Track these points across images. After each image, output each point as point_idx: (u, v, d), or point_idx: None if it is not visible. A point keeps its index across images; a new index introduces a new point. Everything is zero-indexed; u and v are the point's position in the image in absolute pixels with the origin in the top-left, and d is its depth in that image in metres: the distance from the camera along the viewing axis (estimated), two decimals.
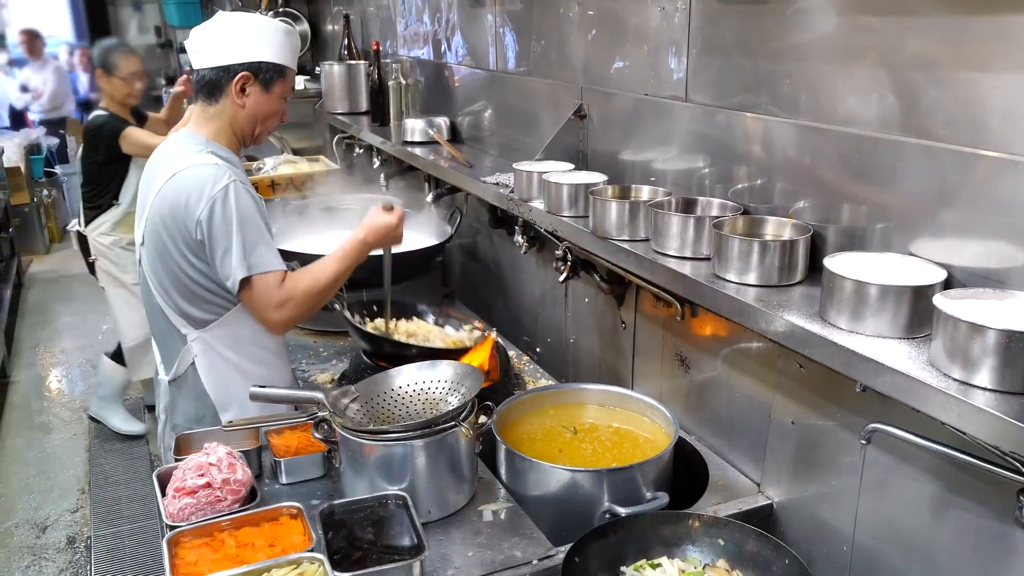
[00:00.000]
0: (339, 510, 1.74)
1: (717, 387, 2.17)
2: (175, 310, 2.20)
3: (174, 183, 2.11)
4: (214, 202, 2.06)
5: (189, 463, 1.83)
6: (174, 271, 2.15)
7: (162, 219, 2.12)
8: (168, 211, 2.11)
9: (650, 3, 2.19)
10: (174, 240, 2.12)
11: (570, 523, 1.85)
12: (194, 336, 2.22)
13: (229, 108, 2.20)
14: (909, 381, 1.34)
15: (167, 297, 2.20)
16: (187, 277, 2.15)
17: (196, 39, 2.19)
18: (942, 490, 1.56)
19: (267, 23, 2.22)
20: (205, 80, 2.19)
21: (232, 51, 2.16)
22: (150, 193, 2.17)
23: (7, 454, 4.76)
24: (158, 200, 2.13)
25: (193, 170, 2.11)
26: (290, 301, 2.13)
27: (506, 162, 2.88)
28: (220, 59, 2.16)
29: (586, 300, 2.73)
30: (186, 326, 2.22)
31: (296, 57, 2.28)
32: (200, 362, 2.24)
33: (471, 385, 1.98)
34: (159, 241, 2.14)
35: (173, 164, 2.14)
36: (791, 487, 1.95)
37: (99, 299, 6.92)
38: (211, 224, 2.06)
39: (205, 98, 2.21)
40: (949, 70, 1.47)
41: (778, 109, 1.84)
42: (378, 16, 4.49)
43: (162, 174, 2.15)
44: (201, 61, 2.18)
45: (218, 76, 2.17)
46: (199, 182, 2.08)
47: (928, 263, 1.52)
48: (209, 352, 2.23)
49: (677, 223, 1.91)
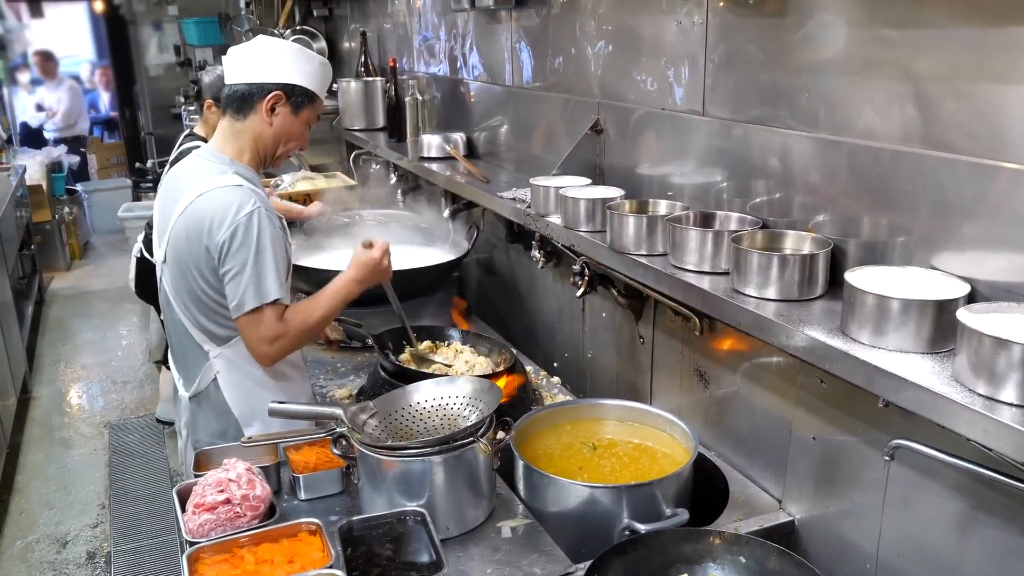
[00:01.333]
0: (358, 526, 1.73)
1: (737, 402, 2.15)
2: (197, 327, 2.22)
3: (200, 204, 2.13)
4: (236, 227, 2.08)
5: (209, 479, 1.83)
6: (194, 289, 2.17)
7: (186, 238, 2.14)
8: (192, 231, 2.13)
9: (667, 17, 2.19)
10: (195, 260, 2.14)
11: (589, 540, 1.83)
12: (216, 353, 2.24)
13: (256, 125, 2.23)
14: (933, 396, 1.32)
15: (189, 314, 2.22)
16: (206, 296, 2.17)
17: (236, 55, 2.24)
18: (968, 507, 1.53)
19: (305, 52, 2.27)
20: (237, 94, 2.21)
21: (269, 70, 2.20)
22: (173, 211, 2.19)
23: (28, 469, 4.80)
24: (182, 220, 2.15)
25: (219, 193, 2.12)
26: (283, 337, 2.17)
27: (523, 177, 2.88)
28: (256, 76, 2.20)
29: (604, 315, 2.72)
30: (208, 343, 2.23)
31: (326, 88, 2.32)
32: (223, 378, 2.25)
33: (489, 401, 1.98)
34: (181, 260, 2.16)
35: (199, 185, 2.16)
36: (813, 504, 1.93)
37: (119, 315, 7.00)
38: (230, 248, 2.09)
39: (234, 113, 2.23)
40: (969, 82, 1.46)
41: (796, 122, 1.84)
42: (394, 33, 4.52)
43: (187, 193, 2.16)
44: (236, 76, 2.22)
45: (250, 91, 2.20)
46: (225, 206, 2.10)
47: (951, 277, 1.51)
48: (232, 368, 2.25)
49: (695, 237, 1.90)
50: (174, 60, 9.98)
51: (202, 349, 2.25)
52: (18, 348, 5.52)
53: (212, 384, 2.27)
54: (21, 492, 4.55)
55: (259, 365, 2.24)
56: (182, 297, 2.21)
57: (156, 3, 9.98)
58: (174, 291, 2.22)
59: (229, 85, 2.24)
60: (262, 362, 2.22)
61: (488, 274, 3.65)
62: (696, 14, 2.08)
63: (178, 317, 2.24)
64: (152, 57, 10.14)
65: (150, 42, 10.09)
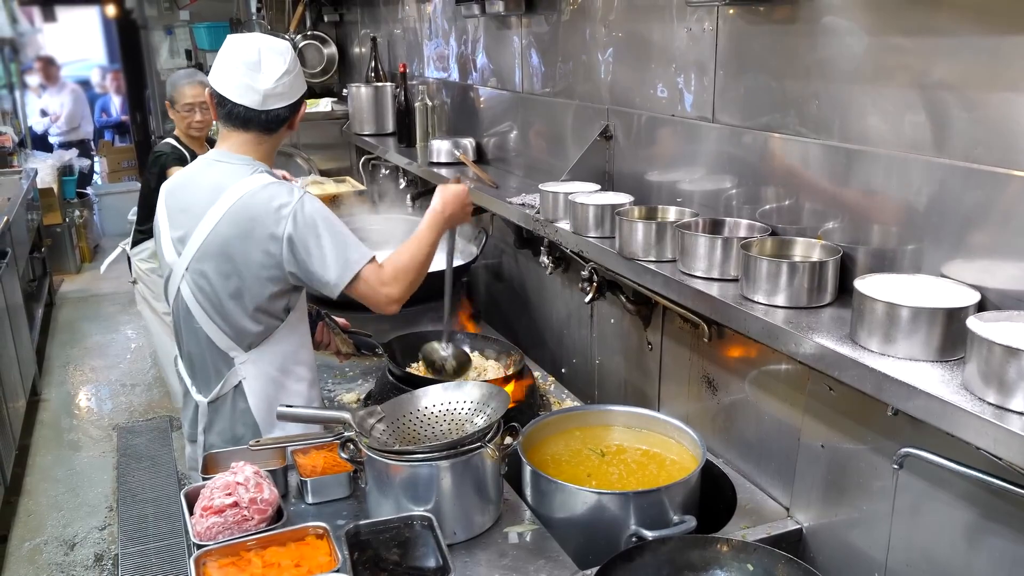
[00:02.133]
0: (365, 531, 1.73)
1: (745, 409, 2.15)
2: (228, 333, 2.20)
3: (244, 204, 2.10)
4: (295, 215, 2.09)
5: (217, 482, 1.83)
6: (239, 291, 2.15)
7: (233, 241, 2.11)
8: (240, 232, 2.10)
9: (677, 24, 2.20)
10: (246, 260, 2.11)
11: (596, 546, 1.83)
12: (243, 359, 2.23)
13: (282, 136, 2.27)
14: (943, 405, 1.32)
15: (223, 319, 2.18)
16: (252, 296, 2.15)
17: (273, 83, 2.15)
18: (977, 517, 1.53)
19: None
20: (279, 118, 2.20)
21: (300, 87, 2.24)
22: (203, 218, 2.13)
23: (37, 471, 4.81)
24: (223, 224, 2.11)
25: (262, 190, 2.12)
26: (399, 273, 2.18)
27: (532, 183, 2.88)
28: (293, 97, 2.22)
29: (612, 321, 2.72)
30: (235, 348, 2.22)
31: None
32: (249, 384, 2.25)
33: (497, 406, 1.98)
34: (222, 264, 2.13)
35: (235, 188, 2.12)
36: (821, 512, 1.92)
37: (128, 318, 7.03)
38: (296, 237, 2.09)
39: (262, 131, 2.20)
40: (981, 90, 1.46)
41: (806, 129, 1.83)
42: (404, 39, 4.54)
43: (221, 199, 2.12)
44: (277, 102, 2.18)
45: (289, 113, 2.22)
46: (271, 200, 2.10)
47: (961, 285, 1.50)
48: (258, 374, 2.25)
49: (704, 244, 1.90)
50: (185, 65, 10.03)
51: (227, 356, 2.23)
52: (28, 350, 5.55)
53: (234, 390, 2.26)
54: (29, 494, 4.57)
55: (282, 368, 2.26)
56: (214, 303, 2.17)
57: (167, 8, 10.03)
58: (200, 298, 2.18)
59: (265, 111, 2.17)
60: (389, 309, 2.21)
61: (497, 279, 3.66)
62: (706, 21, 2.09)
63: (198, 325, 2.21)
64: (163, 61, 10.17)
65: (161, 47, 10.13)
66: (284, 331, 2.26)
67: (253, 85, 2.14)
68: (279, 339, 2.26)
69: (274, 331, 2.24)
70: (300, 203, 2.10)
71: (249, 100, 2.16)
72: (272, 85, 2.16)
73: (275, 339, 2.25)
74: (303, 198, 2.12)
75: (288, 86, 2.19)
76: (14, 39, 10.77)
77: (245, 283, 2.14)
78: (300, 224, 2.09)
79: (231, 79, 2.16)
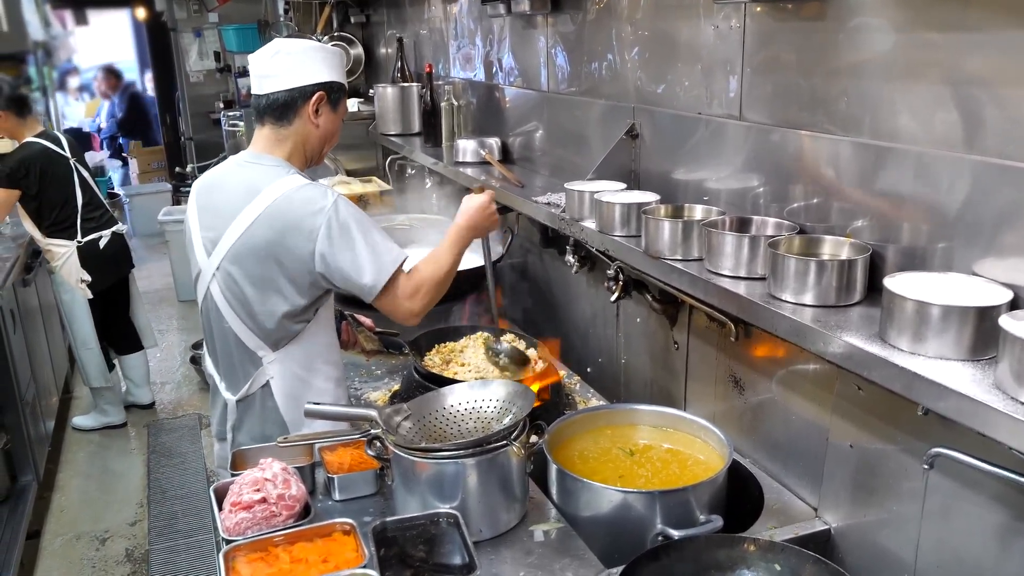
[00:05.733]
0: (391, 527, 1.74)
1: (772, 409, 2.13)
2: (256, 332, 2.22)
3: (279, 207, 2.11)
4: (329, 219, 2.10)
5: (245, 478, 1.85)
6: (268, 291, 2.16)
7: (262, 243, 2.12)
8: (275, 234, 2.11)
9: (704, 21, 2.19)
10: (279, 262, 2.13)
11: (622, 545, 1.83)
12: (271, 358, 2.25)
13: (302, 129, 2.23)
14: (974, 404, 1.30)
15: (251, 320, 2.20)
16: (281, 297, 2.17)
17: (266, 63, 2.20)
18: (1010, 518, 1.51)
19: (326, 47, 2.27)
20: (278, 102, 2.20)
21: (305, 73, 2.20)
22: (235, 219, 2.15)
23: (69, 467, 4.89)
24: (258, 226, 2.12)
25: (296, 193, 2.13)
26: (421, 288, 2.21)
27: (557, 182, 2.88)
28: (295, 81, 2.19)
29: (638, 320, 2.71)
30: (263, 348, 2.24)
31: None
32: (277, 384, 2.26)
33: (523, 404, 1.98)
34: (255, 265, 2.14)
35: (270, 190, 2.13)
36: (850, 512, 1.91)
37: (157, 317, 7.10)
38: (331, 241, 2.10)
39: (276, 120, 2.22)
40: (1013, 86, 1.43)
41: (835, 127, 1.82)
42: (431, 39, 4.55)
43: (255, 201, 2.13)
44: (273, 84, 2.20)
45: (292, 97, 2.20)
46: (307, 203, 2.11)
47: (993, 283, 1.48)
48: (286, 374, 2.26)
49: (731, 242, 1.89)
50: (214, 66, 10.15)
51: (255, 356, 2.25)
52: (60, 349, 5.64)
53: (262, 390, 2.28)
54: (62, 490, 4.65)
55: (309, 368, 2.27)
56: (244, 303, 2.19)
57: (197, 10, 10.15)
58: (229, 297, 2.20)
59: (267, 95, 2.21)
60: (410, 321, 2.24)
61: (522, 279, 3.66)
62: (734, 18, 2.07)
63: (227, 325, 2.23)
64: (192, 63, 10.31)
65: (191, 49, 10.26)
66: (312, 330, 2.27)
67: (253, 70, 2.22)
68: (307, 338, 2.27)
69: (302, 331, 2.25)
70: (334, 205, 2.12)
71: (255, 88, 2.23)
72: (265, 64, 2.20)
73: (303, 338, 2.26)
74: (337, 201, 2.13)
75: (282, 67, 2.19)
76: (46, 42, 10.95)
77: (277, 284, 2.16)
78: (334, 227, 2.10)
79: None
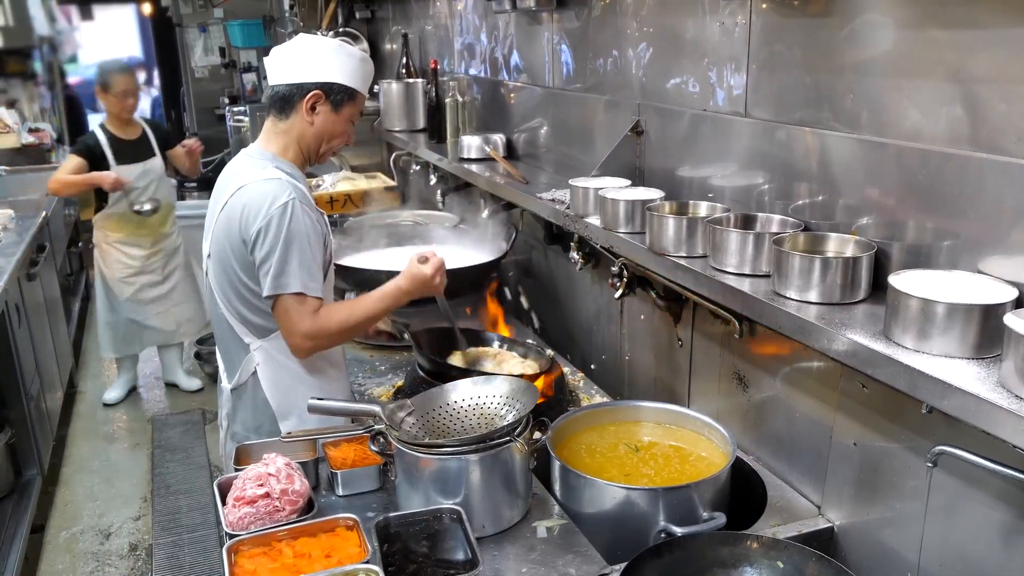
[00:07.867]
0: (394, 523, 1.75)
1: (776, 406, 2.13)
2: (238, 319, 2.26)
3: (239, 197, 2.17)
4: (271, 218, 2.12)
5: (249, 473, 1.86)
6: (234, 282, 2.22)
7: (226, 232, 2.19)
8: (231, 224, 2.17)
9: (709, 18, 2.18)
10: (235, 251, 2.18)
11: (625, 542, 1.83)
12: (257, 345, 2.28)
13: (298, 124, 2.26)
14: (978, 402, 1.30)
15: (230, 307, 2.26)
16: (245, 288, 2.21)
17: (276, 57, 2.28)
18: (1014, 516, 1.50)
19: (344, 49, 2.28)
20: (279, 95, 2.26)
21: (307, 70, 2.23)
22: (216, 207, 2.24)
23: (73, 462, 4.90)
24: (223, 215, 2.20)
25: (257, 185, 2.17)
26: (320, 332, 2.18)
27: (562, 178, 2.88)
28: (295, 76, 2.23)
29: (642, 317, 2.71)
30: (249, 335, 2.27)
31: (368, 84, 2.34)
32: (262, 371, 2.29)
33: (526, 401, 1.98)
34: (223, 253, 2.21)
35: (239, 179, 2.21)
36: (853, 510, 1.90)
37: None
38: (264, 238, 2.12)
39: (276, 113, 2.28)
40: (1019, 84, 1.43)
41: (840, 124, 1.81)
42: (436, 35, 4.55)
43: (229, 188, 2.21)
44: (277, 77, 2.26)
45: (291, 92, 2.24)
46: (261, 197, 2.14)
47: (998, 281, 1.48)
48: (271, 361, 2.28)
49: (736, 239, 1.89)
50: (219, 62, 10.15)
51: (243, 342, 2.29)
52: (65, 344, 5.65)
53: (252, 377, 2.31)
54: (66, 484, 4.66)
55: (297, 359, 2.27)
56: (224, 290, 2.25)
57: (202, 6, 10.15)
58: (217, 285, 2.27)
59: (271, 86, 2.27)
60: (297, 354, 2.25)
61: (526, 275, 3.66)
62: (739, 15, 2.07)
63: (221, 311, 2.29)
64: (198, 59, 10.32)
65: (196, 44, 10.27)
66: None
67: (269, 63, 2.29)
68: None
69: None
70: (283, 207, 2.12)
71: (268, 79, 2.30)
72: (279, 57, 2.26)
73: None
74: (288, 204, 2.12)
75: (287, 63, 2.25)
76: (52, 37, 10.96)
77: (237, 275, 2.21)
78: (272, 227, 2.11)
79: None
